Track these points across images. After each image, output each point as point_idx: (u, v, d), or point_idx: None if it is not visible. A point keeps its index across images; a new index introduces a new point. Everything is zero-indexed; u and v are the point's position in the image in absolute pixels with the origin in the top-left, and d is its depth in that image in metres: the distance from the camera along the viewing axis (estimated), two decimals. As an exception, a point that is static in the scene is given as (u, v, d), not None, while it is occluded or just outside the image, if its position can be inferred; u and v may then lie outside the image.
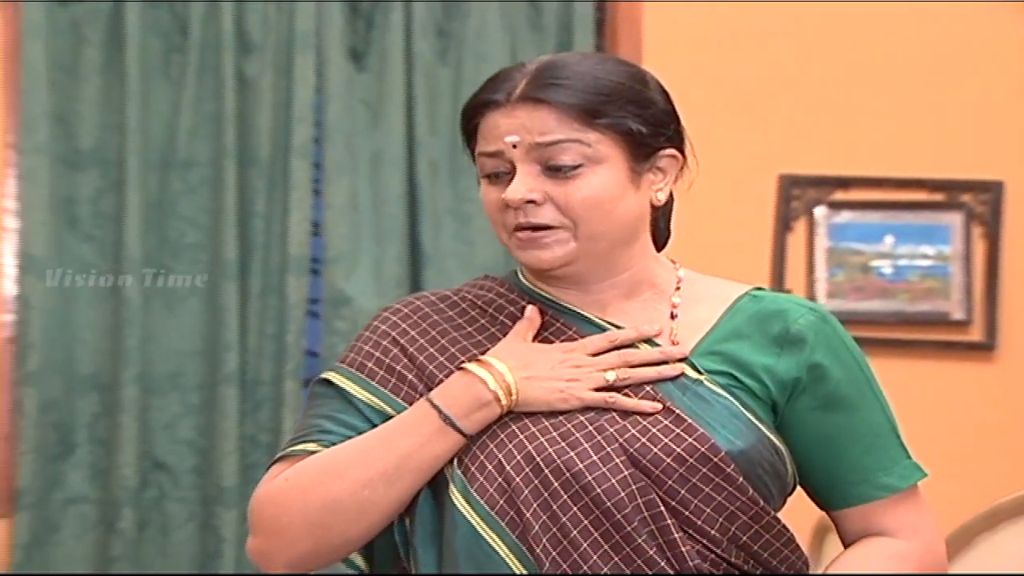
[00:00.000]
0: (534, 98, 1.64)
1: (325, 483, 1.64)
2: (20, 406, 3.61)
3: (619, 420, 1.63)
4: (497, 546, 1.60)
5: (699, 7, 3.99)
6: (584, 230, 1.65)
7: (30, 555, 3.59)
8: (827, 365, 1.67)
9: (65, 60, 3.71)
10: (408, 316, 1.79)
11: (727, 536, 1.62)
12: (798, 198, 3.96)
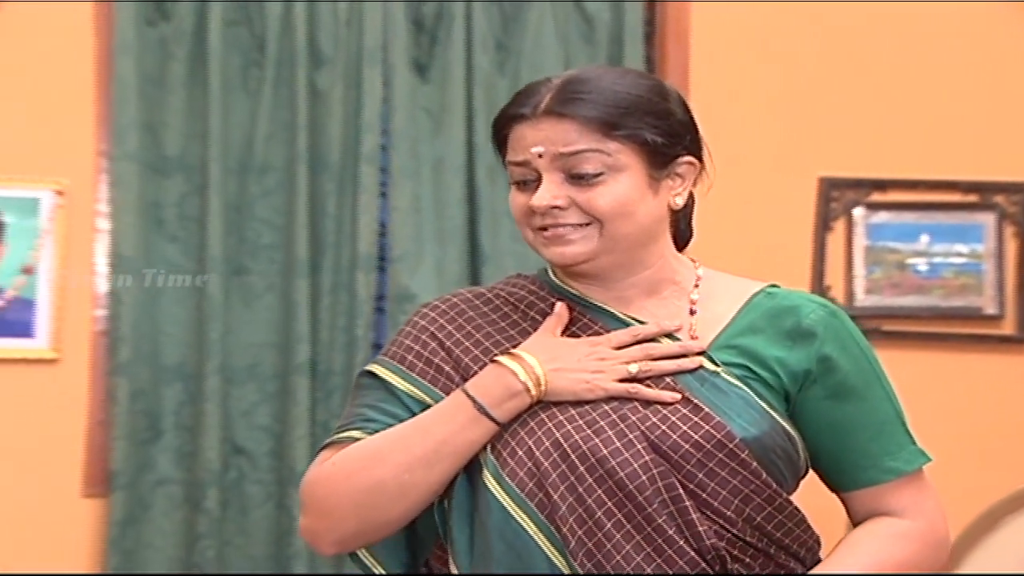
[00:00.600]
0: (558, 112, 1.69)
1: (369, 467, 1.69)
2: (112, 395, 3.70)
3: (641, 409, 1.67)
4: (527, 526, 1.65)
5: (744, 19, 4.04)
6: (612, 229, 1.70)
7: (124, 532, 3.66)
8: (836, 357, 1.71)
9: (153, 74, 3.79)
10: (446, 312, 1.83)
11: (742, 517, 1.66)
12: (837, 199, 4.01)
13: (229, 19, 3.78)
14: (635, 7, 3.91)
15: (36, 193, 3.77)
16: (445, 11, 3.88)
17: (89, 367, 3.79)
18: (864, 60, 4.02)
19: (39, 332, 3.78)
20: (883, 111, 4.01)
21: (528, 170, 1.72)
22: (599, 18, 3.92)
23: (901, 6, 4.02)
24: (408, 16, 3.86)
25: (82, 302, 3.79)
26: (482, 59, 3.86)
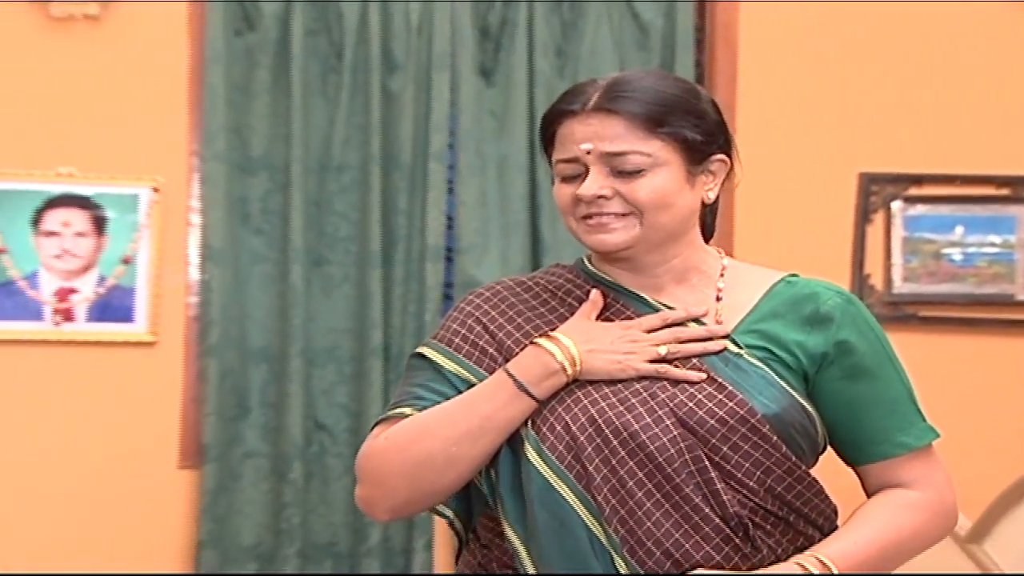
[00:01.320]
0: (606, 108, 1.72)
1: (419, 441, 1.72)
2: (204, 375, 3.82)
3: (669, 388, 1.71)
4: (566, 495, 1.68)
5: (789, 24, 4.10)
6: (651, 219, 1.73)
7: (216, 500, 3.78)
8: (852, 341, 1.75)
9: (240, 81, 3.89)
10: (490, 299, 1.87)
11: (764, 487, 1.69)
12: (876, 193, 4.07)
13: (309, 29, 3.86)
14: (686, 14, 3.96)
15: (135, 190, 3.88)
16: (509, 19, 3.94)
17: (183, 349, 3.90)
18: (902, 62, 4.07)
19: (138, 317, 3.88)
20: (920, 110, 4.07)
21: (576, 165, 1.76)
22: (652, 24, 3.97)
23: (937, 10, 4.05)
24: (474, 24, 3.93)
25: (176, 290, 3.91)
26: (543, 64, 3.93)
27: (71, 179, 3.87)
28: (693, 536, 1.65)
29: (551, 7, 3.97)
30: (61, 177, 3.86)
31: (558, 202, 1.79)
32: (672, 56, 3.97)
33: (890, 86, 4.07)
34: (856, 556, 1.70)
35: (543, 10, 3.95)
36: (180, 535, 3.91)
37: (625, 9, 4.00)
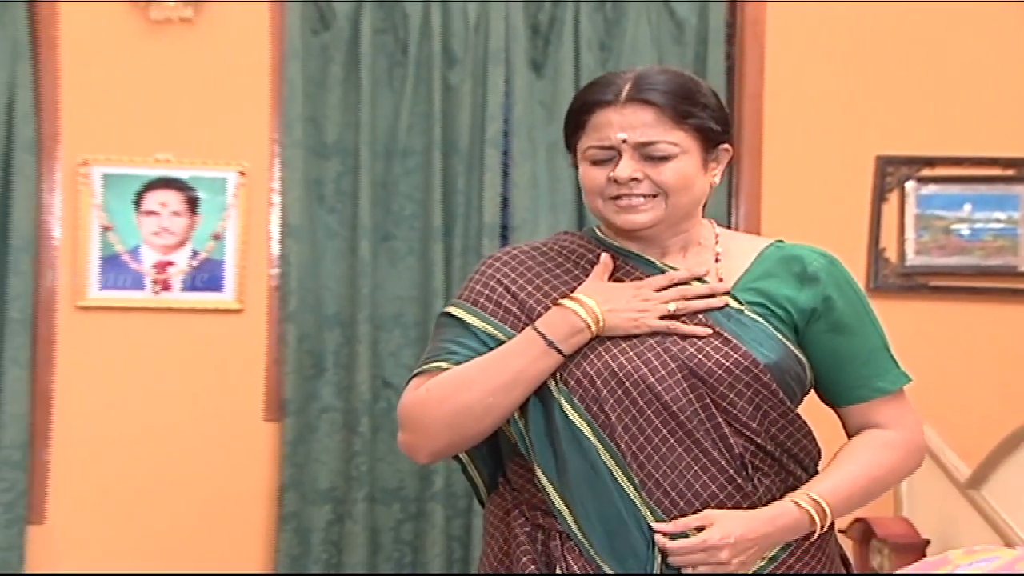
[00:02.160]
0: (639, 99, 1.77)
1: (458, 393, 1.77)
2: (284, 338, 3.96)
3: (679, 342, 1.76)
4: (590, 439, 1.74)
5: (812, 20, 4.16)
6: (673, 201, 1.80)
7: (296, 449, 3.93)
8: (835, 298, 1.82)
9: (316, 75, 3.99)
10: (508, 262, 1.91)
11: (763, 428, 1.77)
12: (892, 174, 4.14)
13: (378, 28, 3.97)
14: (718, 12, 4.02)
15: (223, 174, 4.00)
16: (557, 18, 4.02)
17: (266, 316, 4.04)
18: (914, 54, 4.14)
19: (226, 287, 4.01)
20: (932, 98, 4.14)
21: (609, 151, 1.79)
22: (687, 21, 4.04)
23: (946, 8, 4.13)
24: (526, 22, 4.02)
25: (260, 262, 4.04)
26: (588, 58, 4.01)
27: (168, 164, 3.97)
28: (702, 476, 1.72)
29: (595, 6, 4.04)
30: (159, 163, 3.96)
31: (586, 184, 1.83)
32: (705, 50, 4.03)
33: (904, 76, 4.15)
34: (842, 492, 1.78)
35: (588, 9, 4.02)
36: (265, 480, 4.03)
37: (662, 8, 4.05)
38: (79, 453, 3.95)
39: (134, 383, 3.99)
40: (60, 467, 3.94)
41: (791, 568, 1.76)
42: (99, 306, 3.95)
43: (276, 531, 3.97)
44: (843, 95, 4.15)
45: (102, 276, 3.96)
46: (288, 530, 3.93)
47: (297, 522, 3.94)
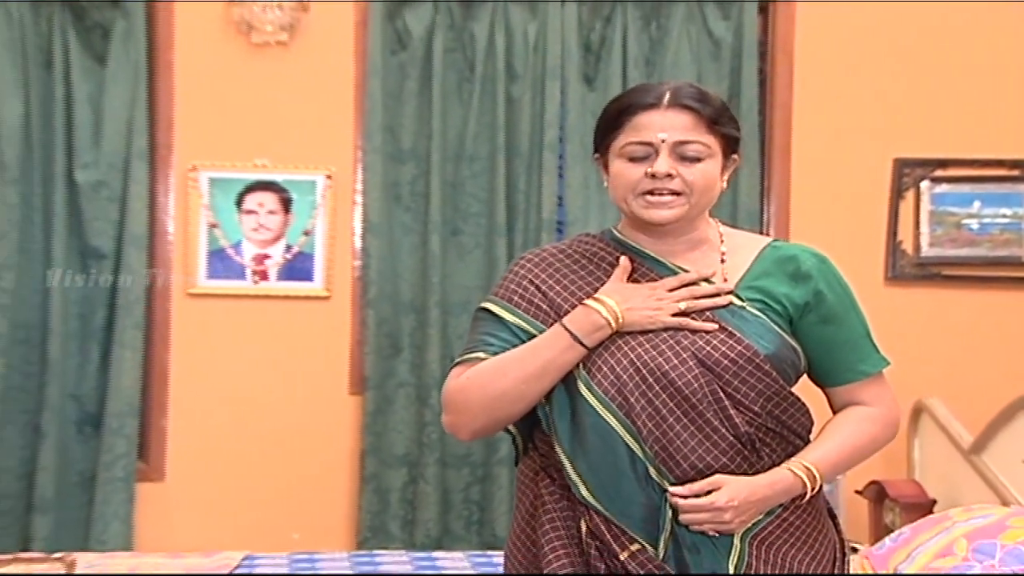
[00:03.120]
0: (679, 104, 1.83)
1: (494, 380, 1.83)
2: (365, 322, 4.14)
3: (690, 335, 1.82)
4: (612, 422, 1.79)
5: (836, 36, 4.29)
6: (696, 199, 1.86)
7: (375, 419, 4.11)
8: (826, 293, 1.88)
9: (393, 90, 4.17)
10: (539, 263, 1.95)
11: (765, 410, 1.82)
12: (908, 175, 4.27)
13: (448, 48, 4.16)
14: (751, 30, 4.18)
15: (313, 177, 4.18)
16: (607, 37, 4.18)
17: (350, 302, 4.20)
18: (928, 68, 4.29)
19: (316, 277, 4.18)
20: (944, 106, 4.28)
21: (647, 148, 1.83)
22: (724, 39, 4.20)
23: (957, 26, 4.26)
24: (579, 42, 4.18)
25: (345, 255, 4.20)
26: (634, 72, 4.16)
27: (265, 169, 4.16)
28: (713, 451, 1.79)
29: (641, 26, 4.19)
30: (257, 168, 4.15)
31: (620, 179, 1.86)
32: (740, 65, 4.17)
33: (918, 87, 4.29)
34: (831, 459, 1.86)
35: (634, 29, 4.17)
36: (349, 446, 4.21)
37: (701, 27, 4.19)
38: (191, 421, 4.18)
39: (237, 361, 4.21)
40: (176, 433, 4.18)
41: (786, 521, 1.83)
42: (207, 294, 4.17)
43: (359, 491, 4.16)
44: (864, 104, 4.29)
45: (209, 267, 4.17)
46: (369, 490, 4.13)
47: (377, 483, 4.14)
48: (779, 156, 4.33)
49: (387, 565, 3.47)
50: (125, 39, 4.08)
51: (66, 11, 4.08)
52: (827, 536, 1.90)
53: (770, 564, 1.80)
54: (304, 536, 4.16)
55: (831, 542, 1.91)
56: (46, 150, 4.10)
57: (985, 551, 2.87)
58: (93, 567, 3.30)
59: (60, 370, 4.06)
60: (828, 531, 1.91)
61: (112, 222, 4.10)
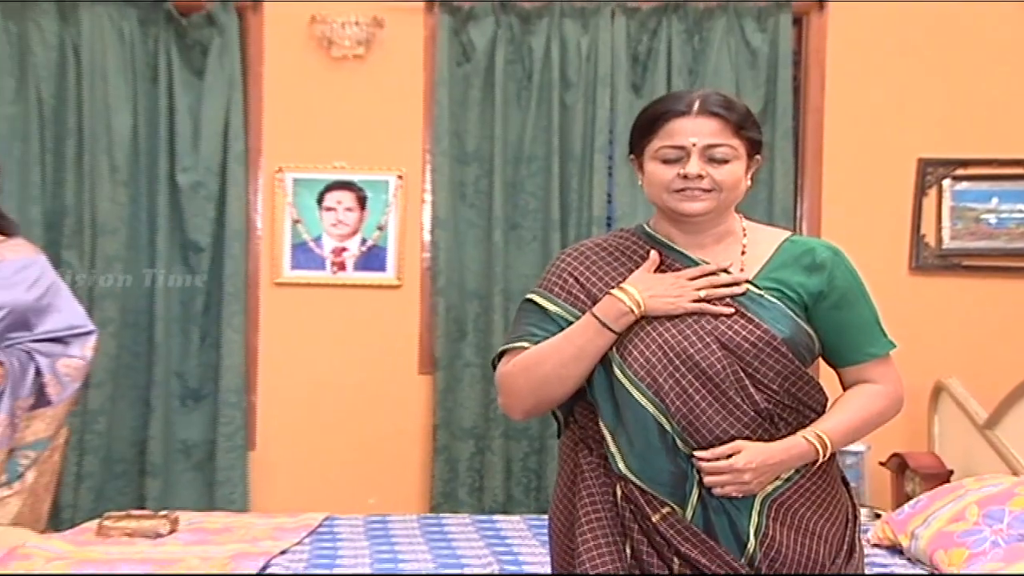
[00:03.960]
0: (708, 111, 1.89)
1: (537, 366, 1.91)
2: (434, 308, 4.30)
3: (713, 321, 1.87)
4: (643, 402, 1.86)
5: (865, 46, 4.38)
6: (724, 195, 1.91)
7: (445, 397, 4.27)
8: (838, 282, 1.93)
9: (459, 98, 4.31)
10: (577, 257, 2.02)
11: (782, 388, 1.87)
12: (931, 173, 4.37)
13: (509, 60, 4.30)
14: (786, 41, 4.29)
15: (386, 177, 4.33)
16: (653, 48, 4.31)
17: (420, 290, 4.36)
18: (950, 74, 4.38)
19: (389, 268, 4.34)
20: (965, 109, 4.37)
21: (679, 151, 1.88)
22: (760, 50, 4.32)
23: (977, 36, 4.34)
24: (628, 53, 4.31)
25: (414, 248, 4.35)
26: (678, 80, 4.28)
27: (343, 170, 4.30)
28: (736, 424, 1.85)
29: (684, 39, 4.32)
30: (336, 169, 4.31)
31: (655, 179, 1.92)
32: (775, 73, 4.29)
33: (941, 92, 4.39)
34: (841, 430, 1.92)
35: (679, 41, 4.30)
36: (422, 420, 4.38)
37: (740, 39, 4.31)
38: (278, 397, 4.40)
39: (318, 343, 4.39)
40: (265, 407, 4.41)
41: (802, 487, 1.89)
42: (291, 283, 4.36)
43: (431, 461, 4.33)
44: (890, 108, 4.41)
45: (293, 259, 4.35)
46: (440, 460, 4.31)
47: (447, 454, 4.31)
48: (812, 157, 4.45)
49: (451, 527, 3.64)
50: (221, 55, 4.31)
51: (170, 31, 4.32)
52: (840, 501, 1.95)
53: (787, 525, 1.86)
54: (381, 502, 4.34)
55: (843, 506, 1.96)
56: (151, 155, 4.34)
57: (994, 516, 3.03)
58: (192, 524, 3.52)
59: (165, 351, 4.32)
60: (841, 496, 1.96)
61: (209, 219, 4.33)
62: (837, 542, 1.91)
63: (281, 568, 3.08)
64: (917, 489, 3.82)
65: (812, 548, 1.87)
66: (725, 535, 1.86)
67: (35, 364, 3.21)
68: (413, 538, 3.50)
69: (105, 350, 4.11)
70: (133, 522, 3.39)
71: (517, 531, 3.59)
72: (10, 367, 3.14)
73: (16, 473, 3.20)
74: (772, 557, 1.85)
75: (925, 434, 4.20)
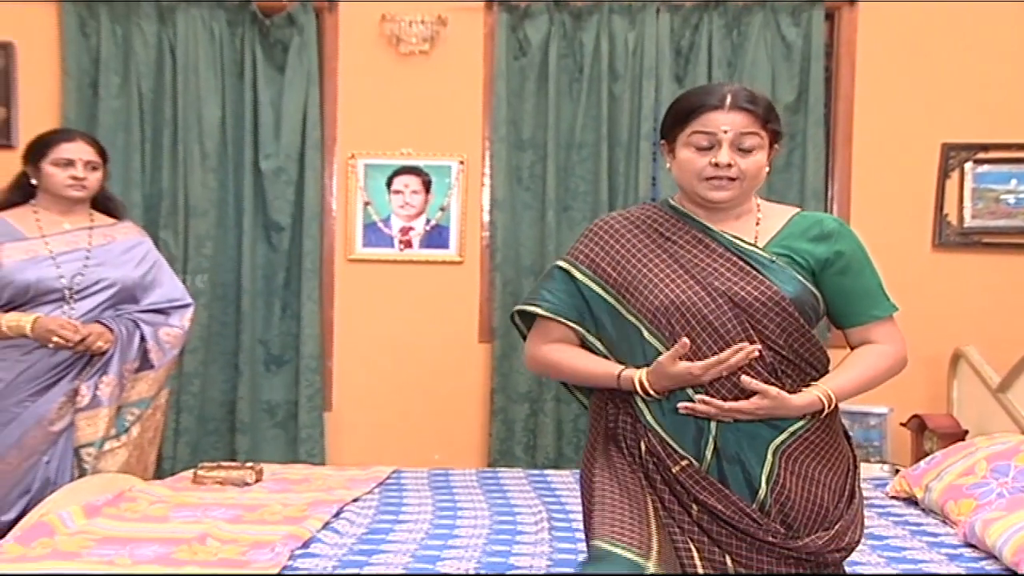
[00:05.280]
0: (740, 106, 1.95)
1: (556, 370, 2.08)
2: (492, 283, 4.40)
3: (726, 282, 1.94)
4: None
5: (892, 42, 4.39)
6: (748, 183, 1.97)
7: (502, 363, 4.37)
8: (843, 250, 1.99)
9: (515, 89, 4.40)
10: (607, 230, 2.07)
11: (787, 344, 1.94)
12: (954, 157, 4.40)
13: (561, 54, 4.38)
14: (819, 35, 4.34)
15: (449, 163, 4.42)
16: (695, 43, 4.37)
17: (479, 266, 4.45)
18: (972, 64, 4.40)
19: (451, 245, 4.43)
20: (986, 96, 4.40)
21: (712, 139, 1.94)
22: (795, 43, 4.37)
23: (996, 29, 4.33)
24: (672, 47, 4.38)
25: (474, 227, 4.44)
26: (718, 72, 4.36)
27: (409, 156, 4.41)
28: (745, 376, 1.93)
29: (724, 33, 4.38)
30: (403, 155, 4.41)
31: (689, 165, 1.98)
32: (809, 65, 4.33)
33: (963, 81, 4.41)
34: (847, 387, 1.99)
35: (718, 36, 4.36)
36: (481, 385, 4.48)
37: (775, 33, 4.35)
38: (352, 362, 4.52)
39: (388, 314, 4.50)
40: (340, 373, 4.53)
41: (807, 440, 1.97)
42: (362, 259, 4.47)
43: (489, 421, 4.44)
44: (916, 96, 4.45)
45: (364, 238, 4.46)
46: (498, 421, 4.43)
47: (504, 415, 4.43)
48: (842, 142, 4.50)
49: (507, 479, 3.74)
50: (300, 52, 4.45)
51: (254, 31, 4.47)
52: (841, 452, 2.02)
53: (794, 473, 1.93)
54: (443, 458, 4.44)
55: (845, 457, 2.03)
56: (238, 144, 4.49)
57: (1001, 471, 3.13)
58: (275, 475, 3.67)
59: (250, 320, 4.48)
60: (843, 448, 2.03)
61: (289, 201, 4.47)
62: (839, 489, 1.98)
63: (351, 514, 3.17)
64: (934, 448, 3.88)
65: (817, 494, 1.94)
66: (738, 484, 1.94)
67: (140, 332, 3.41)
68: (471, 489, 3.61)
69: (198, 320, 4.24)
70: (224, 472, 3.56)
71: (566, 484, 3.68)
72: (119, 334, 3.37)
73: (123, 427, 3.41)
74: (781, 502, 1.92)
75: (944, 397, 4.26)
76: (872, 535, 2.97)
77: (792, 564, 1.93)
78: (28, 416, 3.21)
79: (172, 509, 3.11)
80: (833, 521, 1.96)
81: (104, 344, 3.30)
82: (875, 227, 4.19)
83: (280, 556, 2.63)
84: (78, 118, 4.43)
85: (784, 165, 4.40)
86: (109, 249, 3.41)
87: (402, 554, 2.74)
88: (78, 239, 3.38)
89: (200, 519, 3.02)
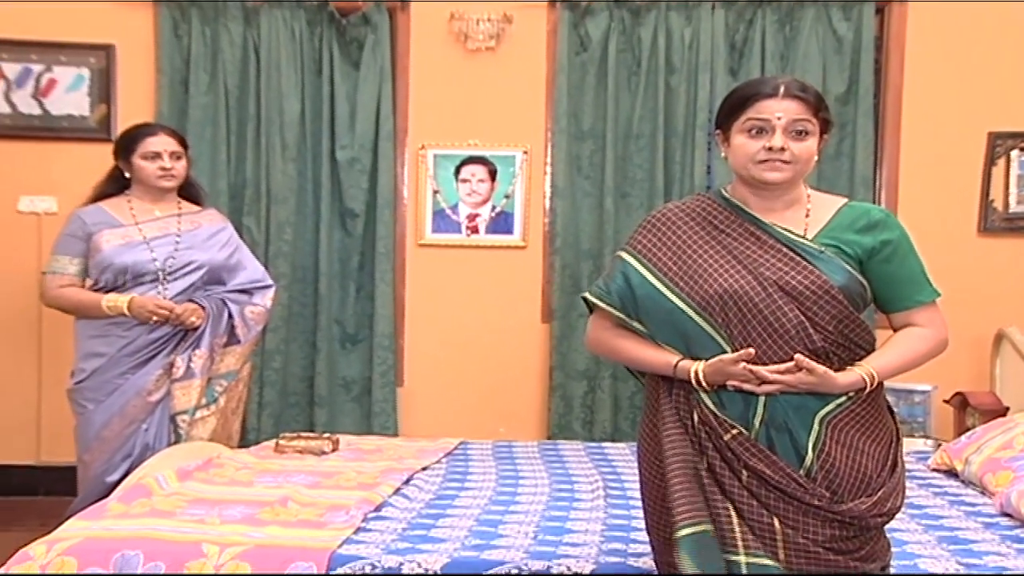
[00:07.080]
0: (793, 95, 1.97)
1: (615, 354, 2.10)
2: (553, 266, 4.43)
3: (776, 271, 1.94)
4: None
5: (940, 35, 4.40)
6: (800, 167, 1.97)
7: (561, 342, 4.41)
8: (889, 239, 2.00)
9: (576, 83, 4.43)
10: (663, 220, 2.08)
11: (837, 330, 1.95)
12: (1000, 145, 4.42)
13: (620, 49, 4.42)
14: (869, 28, 4.33)
15: (513, 152, 4.48)
16: (749, 37, 4.40)
17: (542, 250, 4.50)
18: (1017, 55, 4.37)
19: (515, 231, 4.49)
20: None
21: (766, 125, 1.95)
22: (846, 37, 4.38)
23: None
24: (726, 41, 4.41)
25: (537, 214, 4.49)
26: (771, 66, 4.38)
27: (476, 147, 4.46)
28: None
29: (777, 27, 4.40)
30: (470, 146, 4.47)
31: (743, 150, 1.99)
32: (859, 57, 4.34)
33: (1009, 72, 4.40)
34: (889, 367, 2.01)
35: (772, 30, 4.39)
36: (541, 362, 4.54)
37: (827, 27, 4.36)
38: (423, 341, 4.60)
39: (455, 296, 4.56)
40: (411, 350, 4.60)
41: (853, 412, 1.98)
42: (432, 244, 4.54)
43: (548, 398, 4.49)
44: (963, 86, 4.43)
45: (433, 224, 4.53)
46: (556, 397, 4.48)
47: (563, 392, 4.48)
48: (891, 131, 4.50)
49: (566, 451, 3.79)
50: (374, 49, 4.52)
51: (332, 30, 4.55)
52: (885, 425, 2.04)
53: (839, 443, 1.95)
54: (508, 430, 4.49)
55: (888, 430, 2.04)
56: (315, 135, 4.57)
57: None
58: (350, 445, 3.74)
59: (327, 302, 4.57)
60: (886, 421, 2.04)
61: (363, 190, 4.54)
62: (882, 458, 2.00)
63: (420, 482, 3.22)
64: (976, 424, 3.88)
65: (860, 463, 1.96)
66: (786, 451, 1.96)
67: (227, 310, 3.56)
68: (532, 459, 3.66)
69: (279, 301, 4.34)
70: (303, 442, 3.65)
71: (622, 455, 3.72)
72: (210, 310, 3.51)
73: (213, 397, 3.55)
74: (827, 469, 1.94)
75: (987, 376, 4.26)
76: (912, 504, 2.99)
77: (836, 527, 1.96)
78: (129, 387, 3.37)
79: (256, 475, 3.20)
80: (876, 488, 1.97)
81: (197, 320, 3.43)
82: (922, 213, 4.21)
83: (354, 518, 2.72)
84: (170, 113, 4.54)
85: (835, 154, 4.39)
86: (196, 234, 3.54)
87: (467, 518, 2.81)
88: (168, 225, 3.51)
89: (282, 484, 3.11)
